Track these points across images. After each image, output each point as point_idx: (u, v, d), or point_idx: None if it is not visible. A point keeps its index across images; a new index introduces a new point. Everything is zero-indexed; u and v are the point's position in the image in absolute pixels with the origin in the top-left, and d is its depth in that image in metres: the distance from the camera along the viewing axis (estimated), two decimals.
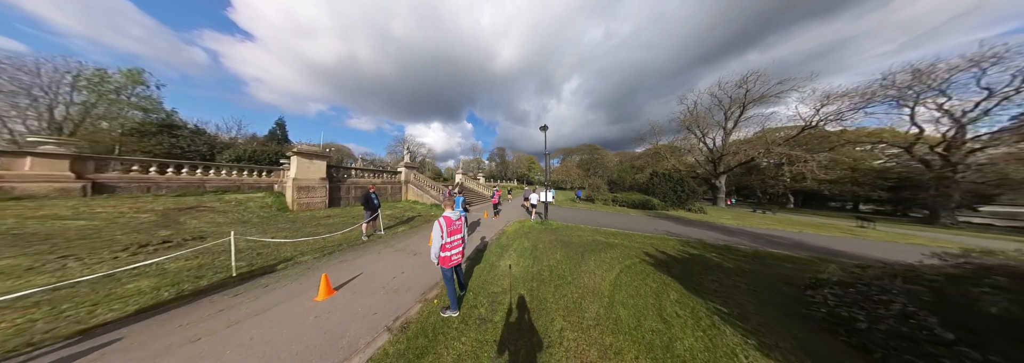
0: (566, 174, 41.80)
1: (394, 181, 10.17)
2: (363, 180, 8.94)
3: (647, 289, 2.98)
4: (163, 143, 13.70)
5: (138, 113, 14.11)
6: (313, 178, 6.98)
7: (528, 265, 3.69)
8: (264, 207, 6.40)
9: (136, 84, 14.01)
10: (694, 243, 5.69)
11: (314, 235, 4.86)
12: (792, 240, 7.05)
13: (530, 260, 3.91)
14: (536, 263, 3.78)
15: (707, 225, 9.19)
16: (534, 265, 3.70)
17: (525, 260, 3.89)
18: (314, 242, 4.50)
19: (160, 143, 13.66)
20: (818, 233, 8.68)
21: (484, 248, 4.47)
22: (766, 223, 10.74)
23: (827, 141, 16.80)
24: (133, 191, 6.02)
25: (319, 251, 4.13)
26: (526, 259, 3.94)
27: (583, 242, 5.16)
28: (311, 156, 6.93)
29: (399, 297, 2.74)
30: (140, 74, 14.12)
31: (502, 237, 5.42)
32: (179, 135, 14.15)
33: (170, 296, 2.56)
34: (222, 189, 7.35)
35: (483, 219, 7.71)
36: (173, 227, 4.50)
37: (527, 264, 3.74)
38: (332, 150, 29.45)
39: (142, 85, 14.20)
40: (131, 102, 13.86)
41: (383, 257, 4.01)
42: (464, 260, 3.66)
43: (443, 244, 2.26)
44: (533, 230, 6.17)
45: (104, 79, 13.24)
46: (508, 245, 4.74)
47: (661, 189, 14.99)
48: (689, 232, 7.35)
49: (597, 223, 8.00)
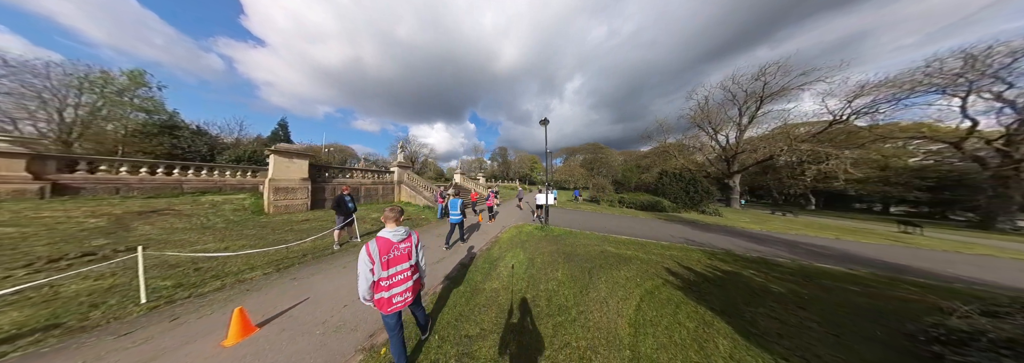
0: (569, 174, 40.67)
1: (385, 181, 9.52)
2: (351, 180, 8.31)
3: (683, 333, 2.11)
4: (164, 144, 13.58)
5: (141, 114, 14.04)
6: (293, 178, 6.37)
7: (522, 288, 2.88)
8: (238, 210, 5.81)
9: (138, 85, 13.94)
10: (722, 255, 4.74)
11: (280, 243, 4.20)
12: (835, 250, 5.97)
13: (524, 281, 3.09)
14: (532, 286, 2.96)
15: (727, 230, 8.13)
16: (529, 289, 2.88)
17: (518, 281, 3.08)
18: (274, 253, 3.82)
19: (161, 144, 13.56)
20: (858, 240, 7.50)
21: (470, 263, 3.68)
22: (792, 227, 9.56)
23: (856, 137, 15.19)
24: (100, 193, 5.53)
25: (275, 265, 3.44)
26: (519, 279, 3.13)
27: (590, 254, 4.30)
28: (290, 155, 6.33)
29: (338, 340, 1.97)
30: (142, 75, 14.06)
31: (494, 247, 4.62)
32: (180, 136, 14.01)
33: (29, 338, 1.88)
34: (201, 190, 6.84)
35: (478, 223, 6.94)
36: (117, 235, 3.92)
37: (521, 286, 2.92)
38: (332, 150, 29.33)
39: (144, 86, 14.13)
40: (134, 103, 13.79)
41: (347, 272, 3.28)
42: (439, 283, 2.90)
43: (376, 281, 1.47)
44: (532, 238, 5.34)
45: (108, 81, 13.19)
46: (499, 258, 3.93)
47: (672, 190, 13.87)
48: (710, 239, 6.36)
49: (604, 228, 7.10)
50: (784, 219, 12.93)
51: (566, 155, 48.91)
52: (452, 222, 4.82)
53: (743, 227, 8.97)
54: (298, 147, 6.52)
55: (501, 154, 52.36)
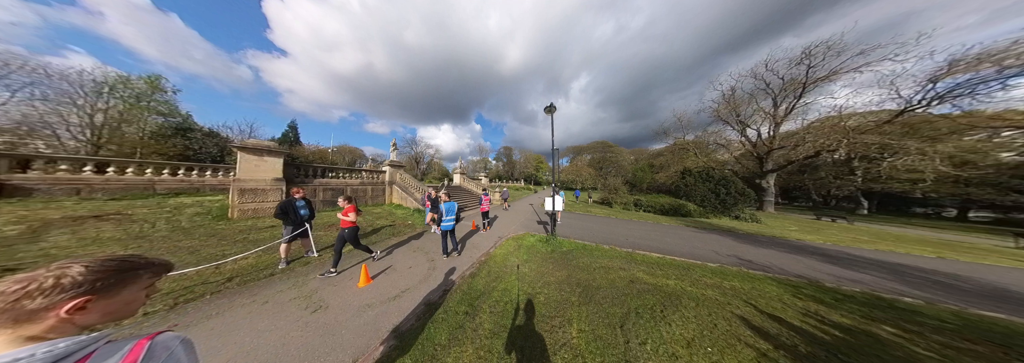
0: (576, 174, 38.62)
1: (376, 182, 8.61)
2: (335, 181, 7.43)
3: None
4: (177, 145, 13.78)
5: (158, 118, 14.35)
6: (263, 179, 5.54)
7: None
8: (201, 214, 5.04)
9: (155, 90, 14.24)
10: (809, 288, 3.22)
11: (216, 258, 3.26)
12: (968, 279, 4.17)
13: (517, 348, 1.84)
14: (529, 359, 1.70)
15: (781, 243, 6.38)
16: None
17: (510, 345, 1.84)
18: (194, 275, 2.85)
19: (175, 145, 13.76)
20: (977, 261, 5.52)
21: (440, 303, 2.49)
22: (860, 239, 7.55)
23: (930, 127, 12.34)
24: (57, 194, 4.96)
25: (177, 295, 2.45)
26: (513, 342, 1.88)
27: (616, 286, 2.98)
28: (260, 151, 5.50)
29: None
30: (159, 80, 14.36)
31: (482, 270, 3.41)
32: (192, 137, 14.17)
33: None
34: (175, 191, 6.21)
35: (471, 231, 5.77)
36: (15, 248, 3.15)
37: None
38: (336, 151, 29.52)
39: (161, 91, 14.43)
40: (151, 107, 14.09)
41: (268, 312, 2.21)
42: (378, 345, 1.70)
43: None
44: (534, 255, 4.08)
45: (127, 85, 13.53)
46: (485, 294, 2.71)
47: (698, 191, 11.97)
48: (768, 258, 4.76)
49: (625, 239, 5.67)
50: (840, 227, 10.68)
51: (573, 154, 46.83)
52: (443, 229, 3.75)
53: (799, 239, 7.13)
54: (269, 143, 5.69)
55: (506, 154, 51.15)
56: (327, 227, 5.23)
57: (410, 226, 5.95)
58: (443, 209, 3.83)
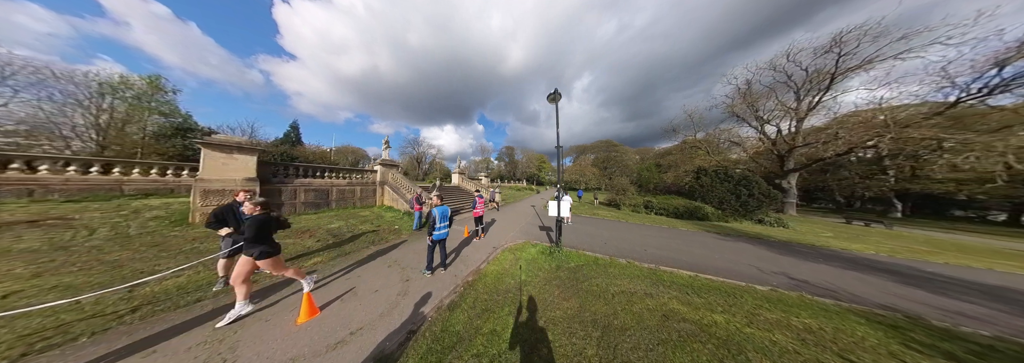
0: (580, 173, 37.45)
1: (365, 182, 7.93)
2: (319, 181, 6.77)
3: None
4: (177, 146, 13.57)
5: (159, 118, 14.20)
6: (232, 179, 4.91)
7: None
8: (159, 218, 4.44)
9: (156, 90, 14.09)
10: (917, 329, 2.31)
11: (140, 276, 2.59)
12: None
13: None
14: None
15: (825, 254, 5.37)
16: None
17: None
18: (89, 306, 2.17)
19: (174, 146, 13.56)
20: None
21: (396, 358, 1.71)
22: (913, 248, 6.41)
23: (982, 121, 10.85)
24: (7, 195, 4.44)
25: (47, 337, 1.76)
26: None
27: (644, 323, 2.14)
28: (229, 148, 4.86)
29: None
30: (159, 80, 14.22)
31: (466, 299, 2.62)
32: (192, 138, 13.95)
33: None
34: (147, 192, 5.68)
35: (465, 239, 4.99)
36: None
37: None
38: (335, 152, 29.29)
39: (162, 91, 14.27)
40: (152, 107, 13.93)
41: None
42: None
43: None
44: (536, 275, 3.27)
45: (128, 85, 13.39)
46: (463, 343, 1.92)
47: (716, 192, 10.88)
48: (822, 275, 3.81)
49: (643, 249, 4.79)
50: (879, 232, 9.44)
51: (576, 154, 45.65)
52: (435, 238, 3.04)
53: (844, 248, 6.07)
54: (240, 139, 5.06)
55: (508, 154, 50.29)
56: (299, 234, 4.55)
57: (396, 232, 5.22)
58: (435, 215, 3.08)
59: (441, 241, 3.17)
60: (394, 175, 8.21)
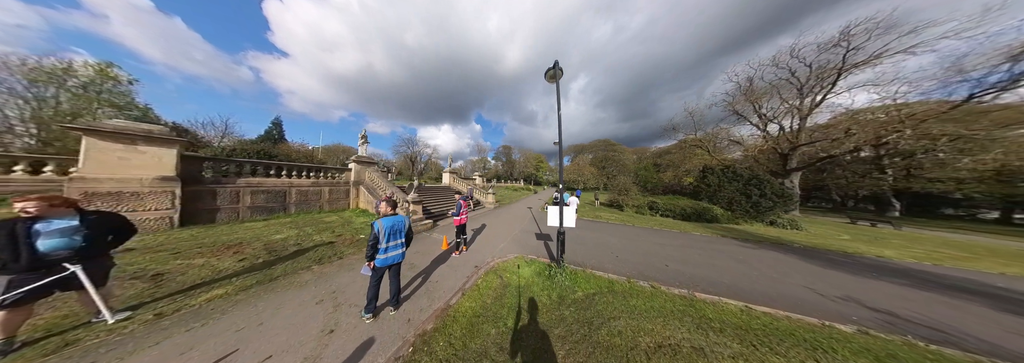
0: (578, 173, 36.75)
1: (336, 182, 6.70)
2: (272, 180, 5.56)
3: None
4: None
5: (112, 111, 12.52)
6: (135, 178, 3.71)
7: None
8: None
9: (106, 79, 12.41)
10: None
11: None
12: None
13: None
14: None
15: (873, 265, 4.56)
16: None
17: None
18: None
19: None
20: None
21: None
22: (940, 252, 5.73)
23: (986, 119, 10.47)
24: None
25: None
26: None
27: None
28: (132, 138, 3.66)
29: None
30: (110, 67, 12.53)
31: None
32: None
33: None
34: None
35: (442, 251, 3.95)
36: None
37: None
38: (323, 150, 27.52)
39: (113, 80, 12.59)
40: (100, 98, 12.25)
41: None
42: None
43: None
44: (531, 316, 2.27)
45: (69, 73, 11.69)
46: None
47: (725, 192, 10.14)
48: (897, 300, 2.95)
49: (663, 264, 3.86)
50: (892, 233, 8.88)
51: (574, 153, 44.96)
52: (379, 264, 2.02)
53: (880, 256, 5.31)
54: (149, 127, 3.85)
55: (505, 153, 49.20)
56: (220, 250, 3.42)
57: (357, 245, 4.12)
58: (378, 230, 2.02)
59: (392, 267, 2.14)
60: (371, 174, 7.06)
